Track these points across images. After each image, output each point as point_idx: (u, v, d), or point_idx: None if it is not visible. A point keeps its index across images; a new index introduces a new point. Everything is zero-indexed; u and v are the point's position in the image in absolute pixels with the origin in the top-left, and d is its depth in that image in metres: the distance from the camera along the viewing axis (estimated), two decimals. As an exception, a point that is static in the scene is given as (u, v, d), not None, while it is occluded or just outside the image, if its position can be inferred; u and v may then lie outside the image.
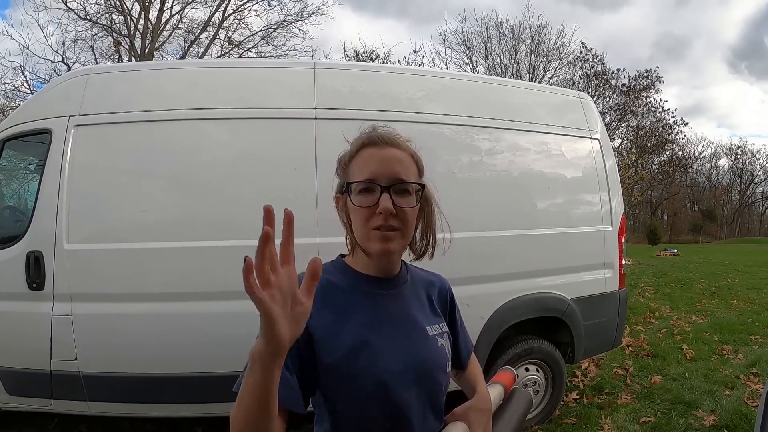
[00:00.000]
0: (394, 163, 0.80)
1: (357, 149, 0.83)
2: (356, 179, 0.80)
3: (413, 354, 0.82)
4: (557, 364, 2.74)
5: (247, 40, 14.92)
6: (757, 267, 12.06)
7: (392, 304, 0.85)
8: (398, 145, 0.83)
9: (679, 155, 25.11)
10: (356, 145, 0.84)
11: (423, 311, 0.89)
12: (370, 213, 0.78)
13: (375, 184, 0.78)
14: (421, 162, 0.87)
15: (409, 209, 0.80)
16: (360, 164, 0.81)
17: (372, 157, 0.80)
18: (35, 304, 2.15)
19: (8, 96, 12.43)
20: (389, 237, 0.79)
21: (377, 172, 0.79)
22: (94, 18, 12.89)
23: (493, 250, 2.49)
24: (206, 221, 2.20)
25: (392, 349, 0.81)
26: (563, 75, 19.84)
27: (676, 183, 38.73)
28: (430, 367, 0.84)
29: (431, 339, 0.86)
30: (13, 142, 2.38)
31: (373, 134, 0.83)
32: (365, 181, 0.79)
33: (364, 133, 0.85)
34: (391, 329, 0.83)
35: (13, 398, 2.25)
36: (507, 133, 2.65)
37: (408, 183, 0.80)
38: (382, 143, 0.82)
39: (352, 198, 0.80)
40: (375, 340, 0.80)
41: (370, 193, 0.79)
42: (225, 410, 0.80)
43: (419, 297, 0.91)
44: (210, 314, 2.16)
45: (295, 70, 2.44)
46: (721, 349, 4.26)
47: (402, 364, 0.81)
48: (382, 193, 0.78)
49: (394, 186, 0.79)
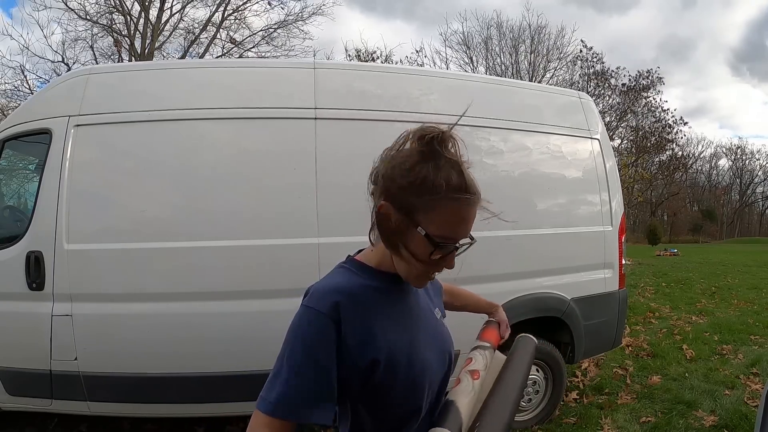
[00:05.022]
0: (472, 222, 0.77)
1: (447, 192, 0.72)
2: (437, 231, 0.73)
3: (440, 341, 0.90)
4: (557, 364, 2.74)
5: (248, 40, 14.93)
6: (757, 267, 12.05)
7: (414, 297, 0.89)
8: (479, 200, 0.77)
9: (678, 155, 25.13)
10: (448, 186, 0.73)
11: (428, 296, 0.95)
12: (432, 266, 0.78)
13: (453, 245, 0.76)
14: None
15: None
16: (446, 216, 0.73)
17: (462, 216, 0.74)
18: (35, 304, 2.15)
19: (8, 96, 12.43)
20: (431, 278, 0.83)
21: (463, 234, 0.76)
22: (94, 18, 12.90)
23: (493, 250, 2.49)
24: (206, 221, 2.20)
25: (428, 340, 0.86)
26: (563, 75, 19.87)
27: (676, 183, 38.69)
28: (450, 350, 0.92)
29: (441, 323, 0.94)
30: (13, 142, 2.38)
31: (470, 185, 0.74)
32: (448, 240, 0.75)
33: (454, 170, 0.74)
34: (422, 322, 0.88)
35: (13, 398, 2.25)
36: (506, 133, 2.64)
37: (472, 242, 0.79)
38: (474, 199, 0.75)
39: (420, 240, 0.74)
40: (417, 335, 0.84)
41: (443, 248, 0.75)
42: (225, 410, 0.80)
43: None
44: (210, 314, 2.16)
45: (295, 70, 2.44)
46: (721, 349, 4.26)
47: (439, 352, 0.88)
48: (453, 251, 0.77)
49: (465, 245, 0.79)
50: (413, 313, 0.86)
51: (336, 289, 0.77)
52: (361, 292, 0.78)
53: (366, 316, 0.77)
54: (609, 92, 19.74)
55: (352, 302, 0.76)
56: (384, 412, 0.81)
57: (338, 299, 0.75)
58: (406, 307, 0.86)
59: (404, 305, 0.85)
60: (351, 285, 0.79)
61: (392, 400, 0.80)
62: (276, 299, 2.13)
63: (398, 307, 0.84)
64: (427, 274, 0.80)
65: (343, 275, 0.82)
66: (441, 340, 0.90)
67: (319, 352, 0.72)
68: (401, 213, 0.74)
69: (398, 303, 0.84)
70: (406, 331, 0.83)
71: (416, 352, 0.82)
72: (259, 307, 2.17)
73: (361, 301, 0.77)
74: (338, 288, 0.77)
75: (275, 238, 2.21)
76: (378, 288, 0.81)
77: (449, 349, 0.92)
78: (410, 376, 0.80)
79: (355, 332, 0.75)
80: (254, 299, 2.19)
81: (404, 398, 0.81)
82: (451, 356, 0.92)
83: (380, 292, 0.81)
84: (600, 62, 19.30)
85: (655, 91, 20.11)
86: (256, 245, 2.20)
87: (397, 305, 0.84)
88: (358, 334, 0.75)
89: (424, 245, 0.74)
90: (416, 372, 0.81)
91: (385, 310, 0.81)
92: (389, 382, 0.78)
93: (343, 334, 0.74)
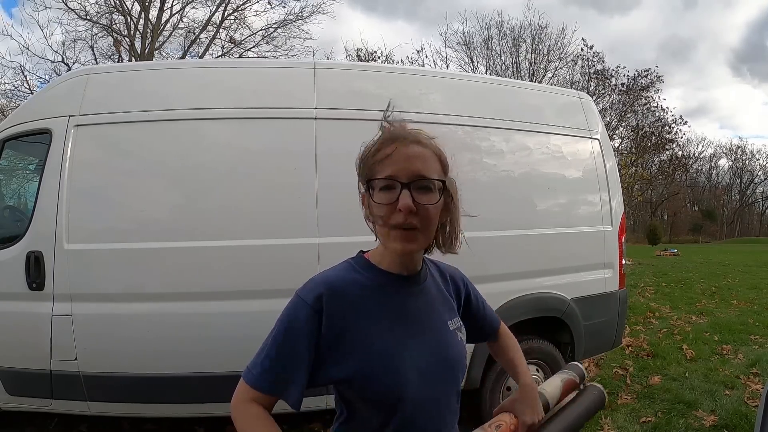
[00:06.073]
0: (415, 160, 0.78)
1: (379, 145, 0.81)
2: (378, 176, 0.79)
3: (440, 350, 0.86)
4: (557, 364, 2.73)
5: (248, 40, 14.93)
6: (757, 267, 12.06)
7: (418, 301, 0.87)
8: (421, 142, 0.81)
9: (678, 155, 25.11)
10: (378, 141, 0.82)
11: (444, 306, 0.92)
12: (391, 210, 0.77)
13: (396, 181, 0.77)
14: (446, 159, 0.85)
15: (431, 206, 0.78)
16: (382, 161, 0.79)
17: (394, 154, 0.78)
18: (35, 304, 2.15)
19: (8, 96, 12.43)
20: (410, 236, 0.78)
21: (399, 169, 0.77)
22: (94, 18, 12.89)
23: (493, 250, 2.49)
24: (206, 221, 2.20)
25: (421, 347, 0.84)
26: (563, 75, 19.84)
27: (676, 183, 38.65)
28: (454, 361, 0.88)
29: (452, 333, 0.90)
30: (13, 142, 2.38)
31: (396, 131, 0.82)
32: (386, 178, 0.78)
33: (387, 129, 0.83)
34: (418, 327, 0.85)
35: (13, 398, 2.25)
36: (506, 133, 2.64)
37: (429, 180, 0.78)
38: (405, 140, 0.80)
39: (374, 195, 0.79)
40: (404, 340, 0.82)
41: (391, 190, 0.77)
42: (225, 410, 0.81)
43: (441, 291, 0.93)
44: (210, 314, 2.17)
45: (295, 70, 2.44)
46: (721, 349, 4.26)
47: (431, 361, 0.84)
48: (402, 190, 0.77)
49: (414, 183, 0.77)
50: (409, 316, 0.85)
51: (324, 281, 0.82)
52: (348, 287, 0.82)
53: (348, 311, 0.80)
54: (609, 92, 19.73)
55: (337, 296, 0.80)
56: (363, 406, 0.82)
57: (323, 292, 0.80)
58: (402, 308, 0.84)
59: (399, 306, 0.84)
60: (341, 280, 0.83)
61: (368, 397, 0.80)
62: (276, 299, 2.09)
63: (389, 306, 0.83)
64: (394, 227, 0.78)
65: (342, 269, 0.86)
66: (441, 351, 0.86)
67: (298, 338, 0.79)
68: (364, 187, 0.82)
69: (391, 303, 0.84)
70: (391, 332, 0.82)
71: (397, 355, 0.80)
72: (259, 307, 2.17)
73: (345, 296, 0.81)
74: (326, 281, 0.82)
75: (275, 238, 2.21)
76: (370, 285, 0.83)
77: (449, 361, 0.87)
78: (383, 378, 0.79)
79: (335, 325, 0.79)
80: (254, 299, 2.19)
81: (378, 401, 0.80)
82: (456, 367, 0.88)
83: (372, 289, 0.83)
84: (601, 62, 19.30)
85: (655, 89, 20.11)
86: (256, 245, 2.20)
87: (389, 305, 0.83)
88: (337, 327, 0.79)
89: (378, 197, 0.78)
90: (390, 374, 0.79)
91: (372, 308, 0.82)
92: (361, 381, 0.79)
93: (323, 325, 0.79)
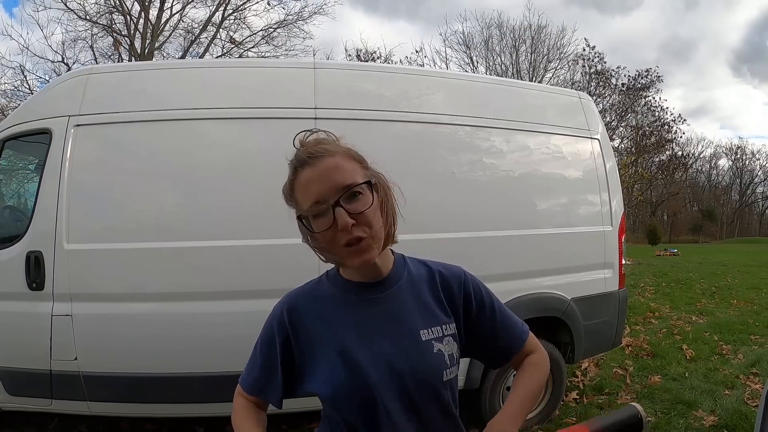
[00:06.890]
0: (332, 173, 0.76)
1: (293, 176, 0.79)
2: (305, 208, 0.77)
3: (398, 362, 0.80)
4: (557, 364, 2.74)
5: (248, 40, 14.93)
6: (757, 267, 12.05)
7: (382, 308, 0.84)
8: (327, 153, 0.78)
9: (678, 155, 25.11)
10: (291, 171, 0.80)
11: (421, 312, 0.85)
12: (333, 233, 0.75)
13: (324, 204, 0.75)
14: (359, 154, 0.82)
15: (368, 210, 0.76)
16: (302, 191, 0.77)
17: (309, 179, 0.76)
18: (35, 304, 2.15)
19: (8, 96, 12.44)
20: (362, 248, 0.76)
21: (321, 190, 0.75)
22: (94, 18, 12.90)
23: (493, 250, 2.49)
24: (206, 221, 2.20)
25: (376, 359, 0.80)
26: (563, 75, 19.85)
27: (676, 183, 38.67)
28: (419, 375, 0.81)
29: (424, 344, 0.82)
30: (13, 142, 2.38)
31: (300, 154, 0.79)
32: (313, 206, 0.76)
33: (292, 160, 0.80)
34: (378, 337, 0.82)
35: (13, 398, 2.25)
36: (506, 133, 2.64)
37: (354, 185, 0.76)
38: (312, 158, 0.77)
39: (313, 227, 0.77)
40: (358, 350, 0.81)
41: (324, 215, 0.75)
42: (225, 410, 0.82)
43: (419, 296, 0.86)
44: (210, 314, 2.16)
45: (295, 70, 2.44)
46: (721, 349, 4.26)
47: (386, 374, 0.80)
48: (335, 209, 0.74)
49: (342, 197, 0.75)
50: (369, 324, 0.83)
51: (292, 295, 0.88)
52: (314, 300, 0.86)
53: (313, 323, 0.84)
54: (609, 92, 19.73)
55: (299, 310, 0.85)
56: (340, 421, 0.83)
57: (289, 303, 0.86)
58: (360, 317, 0.83)
59: (357, 315, 0.84)
60: (307, 293, 0.88)
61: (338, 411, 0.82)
62: (276, 299, 2.10)
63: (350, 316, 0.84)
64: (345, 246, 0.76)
65: (313, 282, 0.90)
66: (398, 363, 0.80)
67: (269, 346, 0.86)
68: (299, 224, 0.81)
69: (351, 312, 0.84)
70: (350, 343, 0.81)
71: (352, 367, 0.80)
72: (259, 307, 2.13)
73: (308, 309, 0.85)
74: (294, 293, 0.88)
75: (275, 238, 2.20)
76: (334, 297, 0.86)
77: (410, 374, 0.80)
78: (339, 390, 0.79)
79: (301, 338, 0.84)
80: (254, 299, 2.18)
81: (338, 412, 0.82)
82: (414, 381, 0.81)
83: (336, 301, 0.85)
84: (601, 62, 19.29)
85: (655, 89, 20.11)
86: (257, 245, 2.20)
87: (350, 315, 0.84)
88: (304, 339, 0.84)
89: (316, 226, 0.77)
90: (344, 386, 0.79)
91: (331, 319, 0.84)
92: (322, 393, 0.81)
93: (291, 337, 0.84)
